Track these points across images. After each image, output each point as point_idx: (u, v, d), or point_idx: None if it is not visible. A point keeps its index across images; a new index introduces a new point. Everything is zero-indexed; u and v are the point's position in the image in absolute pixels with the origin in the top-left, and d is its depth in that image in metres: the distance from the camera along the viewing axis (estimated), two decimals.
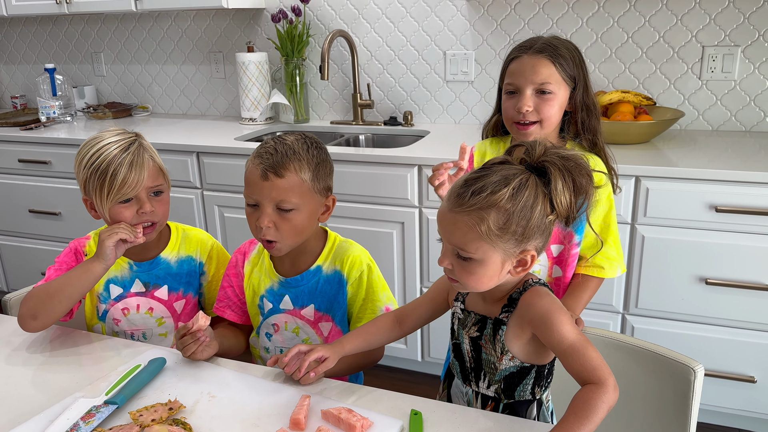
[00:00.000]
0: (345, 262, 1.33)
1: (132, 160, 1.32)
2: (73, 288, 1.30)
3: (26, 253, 3.03)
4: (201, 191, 2.57)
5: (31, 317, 1.29)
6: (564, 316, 0.99)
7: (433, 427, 1.02)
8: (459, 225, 0.96)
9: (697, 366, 1.15)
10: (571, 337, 0.97)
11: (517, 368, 1.05)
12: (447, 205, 0.98)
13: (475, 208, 0.94)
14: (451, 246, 0.98)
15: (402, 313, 1.19)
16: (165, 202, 1.40)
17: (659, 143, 2.25)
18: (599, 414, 0.91)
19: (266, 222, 1.23)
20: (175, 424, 1.00)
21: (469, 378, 1.10)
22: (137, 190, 1.33)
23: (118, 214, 1.34)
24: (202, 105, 3.24)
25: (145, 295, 1.44)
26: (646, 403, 1.21)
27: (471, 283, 1.00)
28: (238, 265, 1.41)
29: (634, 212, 2.01)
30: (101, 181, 1.31)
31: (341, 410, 1.02)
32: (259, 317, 1.39)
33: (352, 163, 2.29)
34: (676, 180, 1.94)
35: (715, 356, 2.02)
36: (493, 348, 1.05)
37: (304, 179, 1.24)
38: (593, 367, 0.95)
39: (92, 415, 1.03)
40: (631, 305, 2.09)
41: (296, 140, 1.27)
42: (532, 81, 1.37)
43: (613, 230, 1.45)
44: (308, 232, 1.30)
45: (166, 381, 1.16)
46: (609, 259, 1.44)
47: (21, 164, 2.87)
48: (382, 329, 1.18)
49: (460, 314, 1.11)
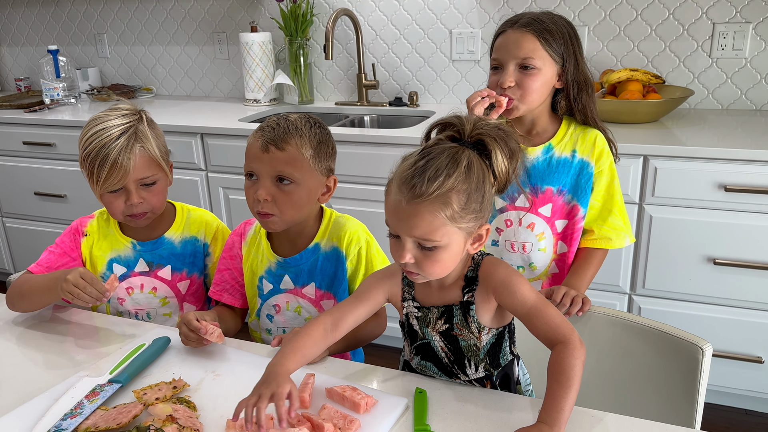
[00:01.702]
0: (343, 238, 1.31)
1: (121, 150, 1.29)
2: (38, 298, 1.34)
3: (32, 235, 3.03)
4: (206, 173, 2.56)
5: (10, 304, 1.37)
6: (521, 279, 1.01)
7: (437, 404, 1.01)
8: (422, 215, 0.92)
9: (705, 345, 1.14)
10: (532, 298, 1.00)
11: (495, 337, 1.05)
12: (400, 198, 0.93)
13: (436, 194, 0.91)
14: (412, 238, 0.95)
15: (336, 318, 1.07)
16: (158, 192, 1.37)
17: (668, 122, 2.22)
18: (578, 374, 0.93)
19: (264, 194, 1.21)
20: (179, 402, 1.00)
21: (453, 371, 1.08)
22: (124, 181, 1.31)
23: (109, 204, 1.35)
24: (206, 86, 3.22)
25: (148, 274, 1.44)
26: (653, 383, 1.20)
27: (437, 271, 0.98)
28: (234, 246, 1.40)
29: (642, 192, 1.99)
30: (91, 167, 1.31)
31: (345, 388, 1.01)
32: (256, 299, 1.38)
33: (356, 144, 2.27)
34: (684, 159, 1.91)
35: (722, 337, 2.01)
36: (470, 331, 1.04)
37: (305, 155, 1.22)
38: (557, 324, 0.98)
39: (96, 393, 1.03)
40: (638, 286, 2.08)
41: (299, 118, 1.26)
42: (515, 56, 1.34)
43: (617, 200, 1.43)
44: (306, 210, 1.28)
45: (171, 360, 1.16)
46: (616, 229, 1.43)
47: (25, 146, 2.87)
48: (316, 340, 1.05)
49: (417, 313, 1.07)
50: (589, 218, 1.44)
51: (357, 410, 0.98)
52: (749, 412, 2.14)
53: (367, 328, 1.24)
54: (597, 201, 1.43)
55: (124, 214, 1.36)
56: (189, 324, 1.16)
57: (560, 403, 0.91)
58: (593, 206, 1.43)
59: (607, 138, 1.44)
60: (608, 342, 1.25)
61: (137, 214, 1.36)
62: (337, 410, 0.97)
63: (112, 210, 1.36)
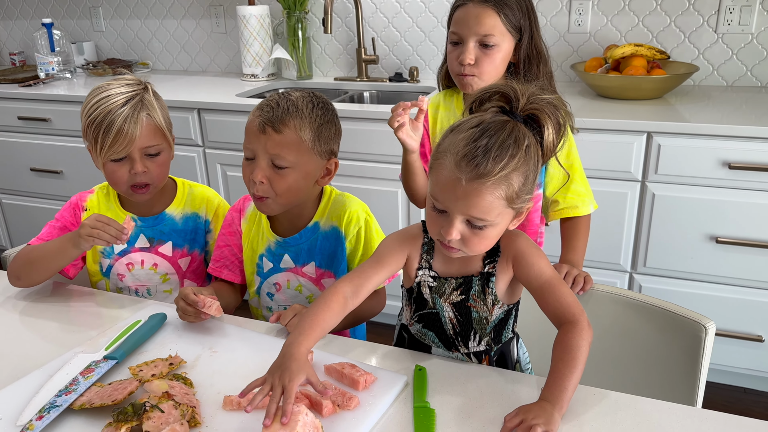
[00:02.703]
0: (342, 217, 1.29)
1: (127, 117, 1.27)
2: (50, 262, 1.30)
3: (29, 211, 3.01)
4: (203, 149, 2.53)
5: (15, 277, 1.33)
6: (540, 252, 1.01)
7: (437, 382, 1.00)
8: (483, 195, 0.89)
9: (709, 323, 1.12)
10: (548, 272, 0.99)
11: (503, 313, 1.04)
12: (460, 176, 0.89)
13: (499, 175, 0.88)
14: (464, 216, 0.92)
15: (356, 284, 1.02)
16: (162, 163, 1.35)
17: (672, 99, 2.19)
18: (584, 355, 0.93)
19: (259, 176, 1.18)
20: (175, 379, 0.99)
21: (455, 343, 1.06)
22: (129, 149, 1.29)
23: (112, 172, 1.32)
24: (203, 61, 3.17)
25: (149, 250, 1.42)
26: (655, 361, 1.19)
27: (482, 248, 0.96)
28: (234, 222, 1.38)
29: (645, 169, 1.97)
30: (96, 134, 1.28)
31: (344, 365, 1.00)
32: (255, 276, 1.36)
33: (356, 120, 2.24)
34: (688, 136, 1.89)
35: (723, 315, 2.00)
36: (484, 303, 1.02)
37: (303, 138, 1.18)
38: (568, 303, 0.97)
39: (91, 369, 1.02)
40: (639, 264, 2.07)
41: (302, 97, 1.21)
42: (476, 32, 1.32)
43: (577, 167, 1.41)
44: (302, 194, 1.25)
45: (167, 337, 1.14)
46: (580, 195, 1.40)
47: (21, 121, 2.83)
48: (335, 311, 0.99)
49: (431, 283, 1.04)
50: (552, 189, 1.41)
51: (356, 387, 0.97)
52: (748, 390, 2.14)
53: (367, 305, 1.22)
54: (558, 170, 1.40)
55: (128, 184, 1.33)
56: (186, 298, 1.14)
57: (564, 382, 0.90)
58: (555, 176, 1.40)
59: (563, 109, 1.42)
60: (610, 320, 1.23)
61: (140, 185, 1.33)
62: (337, 387, 0.96)
63: (114, 180, 1.33)
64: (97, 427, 0.89)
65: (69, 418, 0.92)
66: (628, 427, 0.89)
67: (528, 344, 1.16)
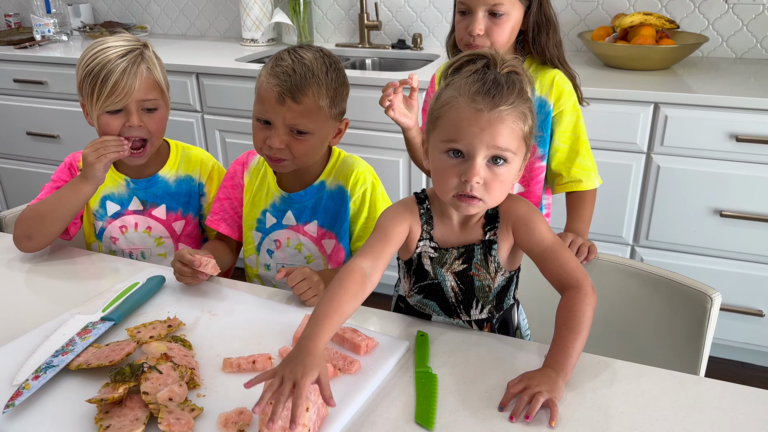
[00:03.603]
0: (349, 177, 1.28)
1: (126, 67, 1.24)
2: (64, 209, 1.27)
3: (25, 176, 2.98)
4: (201, 115, 2.49)
5: (26, 238, 1.28)
6: (541, 217, 0.99)
7: (439, 348, 0.99)
8: (506, 122, 0.89)
9: (714, 294, 1.11)
10: (549, 238, 0.97)
11: (506, 280, 1.03)
12: (481, 107, 0.88)
13: (515, 104, 0.89)
14: (488, 151, 0.89)
15: (372, 260, 0.95)
16: (158, 120, 1.32)
17: (680, 70, 2.15)
18: (588, 320, 0.91)
19: (278, 143, 1.17)
20: (174, 341, 0.97)
21: (456, 311, 1.05)
22: (126, 100, 1.26)
23: (106, 125, 1.28)
24: (202, 25, 3.11)
25: (143, 213, 1.40)
26: (659, 332, 1.18)
27: (500, 195, 0.94)
28: (236, 175, 1.36)
29: (650, 141, 1.94)
30: (93, 84, 1.25)
31: (346, 330, 0.98)
32: (254, 233, 1.35)
33: (358, 88, 2.19)
34: (695, 107, 1.86)
35: (724, 289, 1.96)
36: (487, 271, 1.01)
37: (322, 105, 1.17)
38: (571, 268, 0.95)
39: (88, 331, 1.00)
40: (642, 237, 2.05)
41: (315, 60, 1.18)
42: (485, 2, 1.28)
43: (583, 140, 1.38)
44: (318, 155, 1.26)
45: (165, 299, 1.13)
46: (585, 169, 1.38)
47: (16, 84, 2.78)
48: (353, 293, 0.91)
49: (432, 254, 1.02)
50: (557, 162, 1.39)
51: (357, 352, 0.95)
52: (746, 365, 2.15)
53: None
54: (563, 143, 1.38)
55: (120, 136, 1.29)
56: (182, 258, 1.13)
57: (568, 348, 0.89)
58: (560, 149, 1.38)
59: (573, 81, 1.39)
60: (615, 289, 1.22)
61: (134, 140, 1.29)
62: (338, 351, 0.95)
63: (107, 132, 1.28)
64: (94, 388, 0.88)
65: (65, 379, 0.91)
66: (631, 395, 0.88)
67: (528, 314, 1.15)
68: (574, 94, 1.37)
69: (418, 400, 0.87)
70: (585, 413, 0.85)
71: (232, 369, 0.92)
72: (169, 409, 0.81)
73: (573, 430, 0.82)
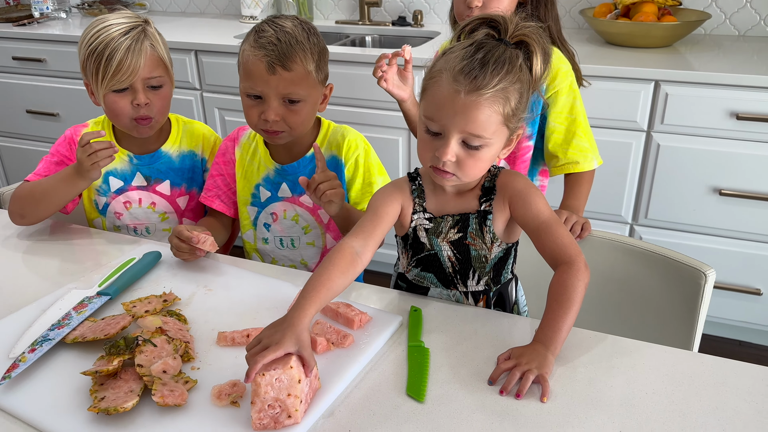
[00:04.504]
0: (342, 145, 1.29)
1: (130, 45, 1.24)
2: (58, 197, 1.28)
3: (25, 154, 2.98)
4: (200, 92, 2.48)
5: (19, 216, 1.30)
6: (538, 192, 0.98)
7: (433, 324, 0.99)
8: (482, 108, 0.88)
9: (709, 270, 1.11)
10: (546, 213, 0.97)
11: (502, 252, 1.03)
12: (458, 89, 0.87)
13: (498, 88, 0.88)
14: (461, 135, 0.90)
15: (363, 238, 0.96)
16: (164, 97, 1.32)
17: (681, 47, 2.13)
18: (579, 296, 0.91)
19: (273, 116, 1.18)
20: (169, 315, 0.98)
21: (454, 281, 1.05)
22: (132, 78, 1.26)
23: (113, 104, 1.28)
24: (201, 2, 3.08)
25: (146, 189, 1.40)
26: (653, 308, 1.19)
27: (476, 173, 0.94)
28: (228, 151, 1.36)
29: (651, 119, 1.93)
30: (97, 64, 1.24)
31: (339, 305, 0.99)
32: (249, 208, 1.35)
33: (357, 65, 2.19)
34: (697, 85, 1.84)
35: (722, 268, 1.99)
36: (483, 241, 1.01)
37: (310, 70, 1.18)
38: (565, 244, 0.95)
39: (84, 305, 1.01)
40: (641, 216, 2.05)
41: (295, 27, 1.19)
42: None
43: (581, 121, 1.37)
44: (311, 122, 1.27)
45: (162, 274, 1.13)
46: (582, 151, 1.37)
47: (15, 62, 2.77)
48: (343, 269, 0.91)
49: (427, 224, 1.02)
50: (554, 143, 1.38)
51: (351, 326, 0.96)
52: (743, 343, 2.16)
53: None
54: (560, 124, 1.36)
55: (130, 117, 1.29)
56: (180, 235, 1.13)
57: (558, 323, 0.89)
58: (556, 130, 1.37)
59: (571, 59, 1.38)
60: (609, 266, 1.22)
61: (143, 118, 1.29)
62: (331, 326, 0.95)
63: (116, 112, 1.29)
64: (89, 361, 0.89)
65: (61, 352, 0.92)
66: (623, 370, 0.89)
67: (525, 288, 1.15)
68: (571, 74, 1.36)
69: (410, 373, 0.88)
70: (576, 387, 0.86)
71: (226, 342, 0.93)
72: (163, 381, 0.82)
73: (564, 403, 0.83)
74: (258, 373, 0.77)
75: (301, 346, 0.80)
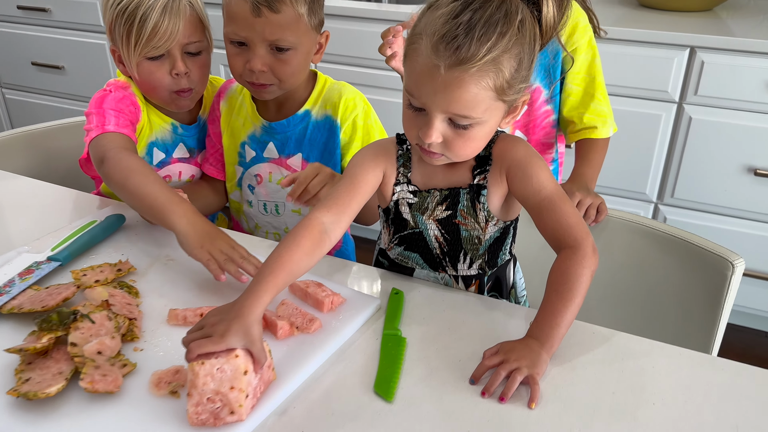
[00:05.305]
0: (338, 105, 1.15)
1: (167, 5, 1.07)
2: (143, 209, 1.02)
3: (32, 108, 2.90)
4: None
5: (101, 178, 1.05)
6: (541, 163, 0.85)
7: (415, 309, 0.88)
8: (466, 86, 0.73)
9: (737, 260, 0.97)
10: (549, 187, 0.83)
11: (499, 231, 0.90)
12: (438, 63, 0.73)
13: (486, 58, 0.72)
14: (445, 114, 0.77)
15: (335, 214, 0.83)
16: (203, 65, 1.16)
17: (722, 12, 1.95)
18: (584, 287, 0.79)
19: (260, 65, 1.05)
20: (120, 287, 0.88)
21: (442, 263, 0.93)
22: (170, 43, 1.09)
23: (149, 74, 1.11)
24: None
25: (188, 161, 1.26)
26: (671, 300, 1.06)
27: (468, 153, 0.81)
28: (214, 108, 1.24)
29: (683, 90, 1.76)
30: (128, 27, 1.08)
31: (309, 284, 0.88)
32: (234, 168, 1.24)
33: (371, 22, 2.04)
34: (736, 53, 1.67)
35: (753, 254, 1.84)
36: (476, 220, 0.88)
37: (301, 13, 1.05)
38: (570, 224, 0.81)
39: (31, 271, 0.91)
40: (666, 195, 1.89)
41: None
42: None
43: (599, 82, 1.22)
44: (304, 74, 1.14)
45: (122, 241, 1.03)
46: (600, 115, 1.23)
47: (20, 11, 2.68)
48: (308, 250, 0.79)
49: (411, 199, 0.90)
50: (570, 106, 1.23)
51: (320, 308, 0.85)
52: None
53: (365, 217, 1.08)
54: (576, 85, 1.22)
55: (169, 90, 1.13)
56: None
57: (557, 317, 0.77)
58: (573, 92, 1.23)
59: (586, 8, 1.21)
60: (623, 251, 1.09)
61: (184, 90, 1.14)
62: (297, 307, 0.84)
63: (153, 84, 1.12)
64: (23, 334, 0.79)
65: None
66: (628, 375, 0.77)
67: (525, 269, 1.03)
68: (589, 29, 1.20)
69: (380, 366, 0.77)
70: (571, 392, 0.74)
71: (177, 321, 0.83)
72: (96, 364, 0.72)
73: (554, 412, 0.71)
74: (197, 362, 0.66)
75: (249, 340, 0.68)
